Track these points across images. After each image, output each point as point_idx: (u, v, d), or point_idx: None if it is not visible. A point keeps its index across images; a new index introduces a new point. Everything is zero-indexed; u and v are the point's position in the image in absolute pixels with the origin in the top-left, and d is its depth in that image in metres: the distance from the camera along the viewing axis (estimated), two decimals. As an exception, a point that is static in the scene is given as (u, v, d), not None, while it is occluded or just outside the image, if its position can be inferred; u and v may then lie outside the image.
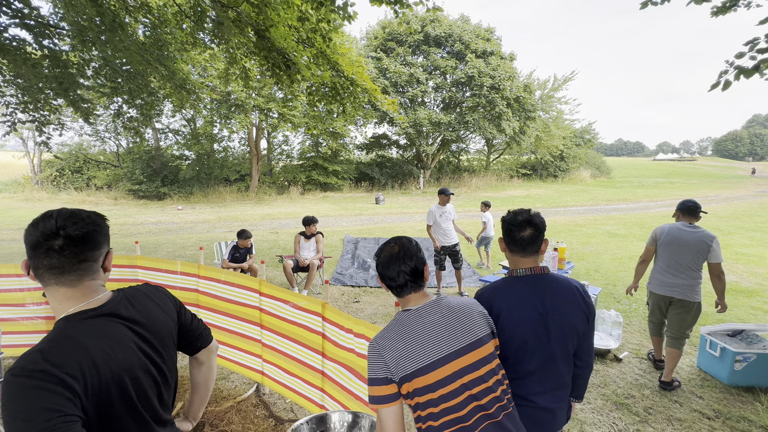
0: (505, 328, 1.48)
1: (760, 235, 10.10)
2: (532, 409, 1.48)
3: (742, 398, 3.16)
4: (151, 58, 6.49)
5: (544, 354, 1.47)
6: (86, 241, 0.99)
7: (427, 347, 1.24)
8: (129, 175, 19.53)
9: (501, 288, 1.54)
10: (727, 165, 55.32)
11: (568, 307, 1.48)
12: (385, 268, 1.34)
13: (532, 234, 1.50)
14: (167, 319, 1.17)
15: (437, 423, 1.22)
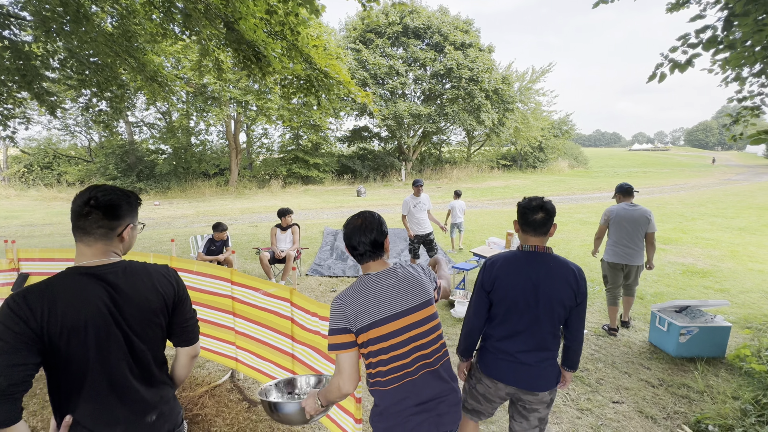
0: (500, 289, 1.77)
1: (720, 221, 10.68)
2: (516, 363, 1.77)
3: (684, 368, 3.45)
4: (119, 50, 6.34)
5: (530, 317, 1.74)
6: (108, 211, 1.19)
7: (382, 304, 1.43)
8: (102, 170, 18.98)
9: (506, 257, 1.83)
10: (697, 154, 57.52)
11: (558, 282, 1.73)
12: (348, 238, 1.52)
13: (543, 217, 1.76)
14: (155, 299, 1.26)
15: (386, 368, 1.43)
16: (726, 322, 3.64)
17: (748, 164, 42.08)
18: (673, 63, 2.83)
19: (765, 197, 15.79)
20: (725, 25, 2.72)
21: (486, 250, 5.46)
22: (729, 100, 4.35)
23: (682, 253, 7.34)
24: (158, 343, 1.31)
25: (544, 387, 1.78)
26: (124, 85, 7.53)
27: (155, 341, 1.30)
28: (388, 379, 1.44)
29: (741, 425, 2.57)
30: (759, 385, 3.02)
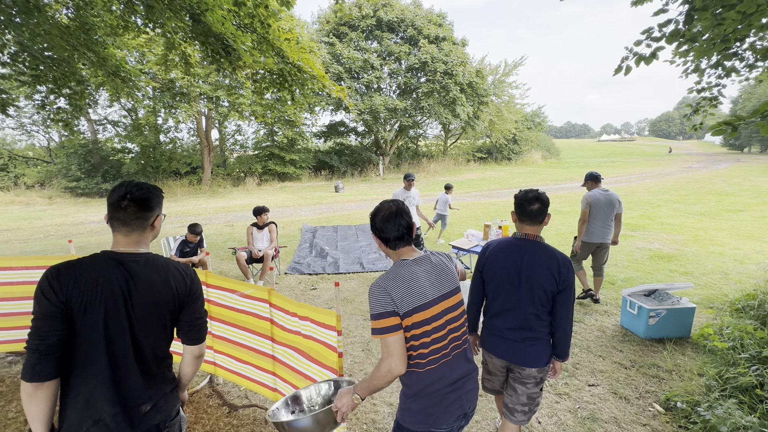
0: (490, 270, 2.00)
1: (683, 207, 11.23)
2: (504, 339, 1.98)
3: (654, 348, 3.61)
4: (77, 43, 5.97)
5: (513, 298, 1.92)
6: (143, 204, 1.35)
7: (425, 289, 1.50)
8: (64, 171, 17.99)
9: (499, 242, 2.04)
10: (661, 144, 60.21)
11: (540, 268, 1.87)
12: (385, 222, 1.55)
13: (539, 207, 1.94)
14: (166, 293, 1.35)
15: (427, 350, 1.50)
16: (690, 303, 3.84)
17: (706, 152, 44.45)
18: (638, 56, 2.92)
19: (722, 183, 16.73)
20: (686, 19, 2.83)
21: (464, 242, 5.53)
22: (689, 91, 4.54)
23: (649, 238, 7.67)
24: (159, 337, 1.37)
25: (530, 364, 1.93)
26: (83, 81, 7.12)
27: (156, 334, 1.36)
28: (428, 360, 1.49)
29: (706, 400, 2.71)
30: (721, 361, 3.21)
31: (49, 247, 8.25)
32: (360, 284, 5.53)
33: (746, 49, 3.63)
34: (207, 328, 1.52)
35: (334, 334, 2.15)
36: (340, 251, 7.21)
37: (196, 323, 1.46)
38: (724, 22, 2.48)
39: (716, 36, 2.65)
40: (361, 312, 4.57)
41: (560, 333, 1.92)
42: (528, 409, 2.01)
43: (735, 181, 17.32)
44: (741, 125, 2.44)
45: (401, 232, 1.54)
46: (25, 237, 9.49)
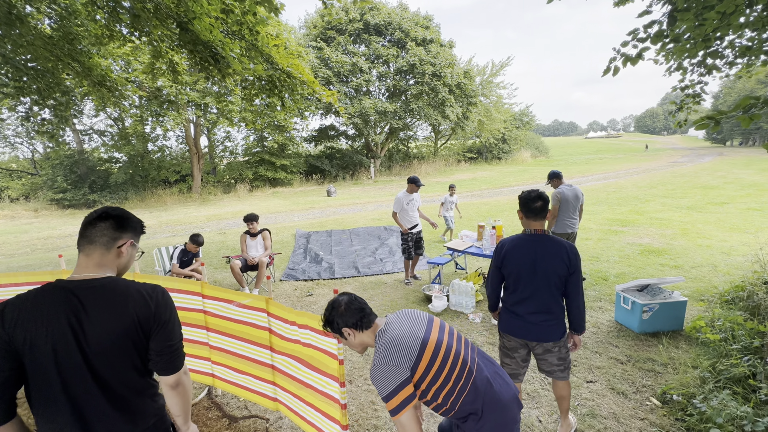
0: (509, 265, 2.27)
1: (671, 201, 11.45)
2: (525, 322, 2.27)
3: (649, 343, 3.67)
4: (61, 54, 5.89)
5: (532, 286, 2.21)
6: (117, 221, 1.30)
7: (413, 333, 1.61)
8: (49, 183, 17.65)
9: (513, 240, 2.30)
10: (646, 140, 61.31)
11: (552, 258, 2.17)
12: (344, 316, 1.68)
13: (542, 204, 2.22)
14: (125, 321, 1.23)
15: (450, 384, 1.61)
16: (682, 296, 3.91)
17: (691, 147, 45.39)
18: (625, 57, 2.99)
19: (707, 177, 17.09)
20: (670, 19, 2.90)
21: (459, 243, 5.56)
22: (673, 89, 4.64)
23: (639, 234, 7.80)
24: (126, 369, 1.26)
25: (548, 339, 2.26)
26: (68, 92, 7.02)
27: (122, 366, 1.24)
28: (458, 391, 1.58)
29: (701, 392, 2.76)
30: (714, 353, 3.27)
31: (37, 261, 8.08)
32: (356, 289, 5.52)
33: (726, 47, 3.72)
34: (182, 355, 1.37)
35: (333, 341, 2.14)
36: (334, 256, 7.19)
37: (166, 351, 1.31)
38: (705, 22, 2.55)
39: (698, 35, 2.72)
40: (359, 317, 4.56)
41: (575, 310, 2.24)
42: (564, 366, 2.34)
43: (719, 174, 17.71)
44: (723, 119, 2.51)
45: (360, 313, 1.66)
46: (11, 252, 9.28)
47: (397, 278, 5.94)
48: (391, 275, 6.10)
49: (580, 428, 2.62)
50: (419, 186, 5.30)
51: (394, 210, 5.37)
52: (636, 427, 2.61)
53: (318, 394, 2.33)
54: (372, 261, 6.82)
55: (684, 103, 4.58)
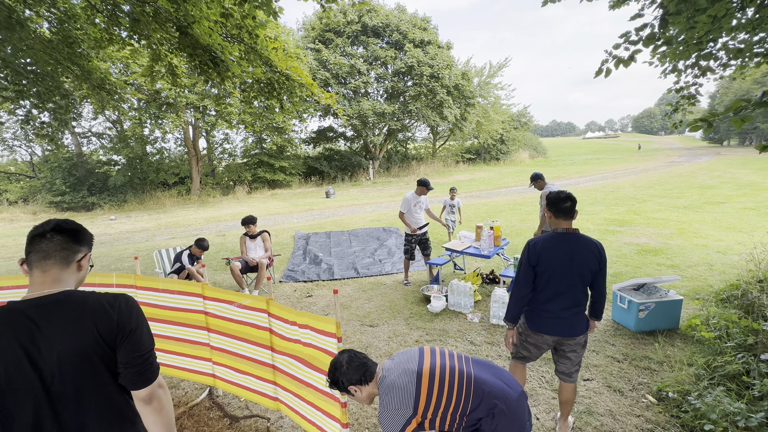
0: (545, 262, 2.30)
1: (667, 201, 11.51)
2: (557, 319, 2.34)
3: (645, 341, 3.71)
4: (60, 57, 5.92)
5: (567, 281, 2.29)
6: (72, 234, 1.23)
7: (409, 368, 1.73)
8: (48, 186, 17.65)
9: (545, 239, 2.36)
10: (643, 140, 61.54)
11: (586, 253, 2.29)
12: (348, 373, 1.75)
13: (571, 205, 2.33)
14: (85, 336, 1.13)
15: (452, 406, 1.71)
16: (678, 295, 3.95)
17: (688, 147, 45.59)
18: (617, 59, 3.04)
19: (704, 177, 17.18)
20: (661, 23, 2.95)
21: (457, 244, 5.59)
22: (668, 91, 4.70)
23: (636, 233, 7.85)
24: (96, 389, 1.16)
25: (579, 333, 2.37)
26: (68, 95, 7.05)
27: (91, 386, 1.15)
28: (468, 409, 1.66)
29: (696, 389, 2.81)
30: (709, 350, 3.31)
31: (36, 264, 8.08)
32: (355, 290, 5.55)
33: (719, 49, 3.78)
34: (154, 366, 1.24)
35: (334, 341, 2.17)
36: (334, 257, 7.22)
37: (134, 363, 1.19)
38: (696, 25, 2.60)
39: (690, 38, 2.77)
40: (358, 317, 4.59)
41: (601, 299, 2.43)
42: (578, 368, 2.48)
43: (716, 174, 17.81)
44: (715, 121, 2.56)
45: (363, 368, 1.74)
46: (10, 255, 9.28)
47: (396, 279, 5.97)
48: (390, 276, 6.14)
49: (578, 425, 2.66)
50: (429, 189, 5.30)
51: (401, 210, 5.37)
52: (632, 423, 2.65)
53: (319, 393, 2.36)
54: (371, 262, 6.86)
55: (679, 104, 4.64)
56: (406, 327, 4.25)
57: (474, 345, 3.80)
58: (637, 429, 2.60)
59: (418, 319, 4.43)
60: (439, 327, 4.20)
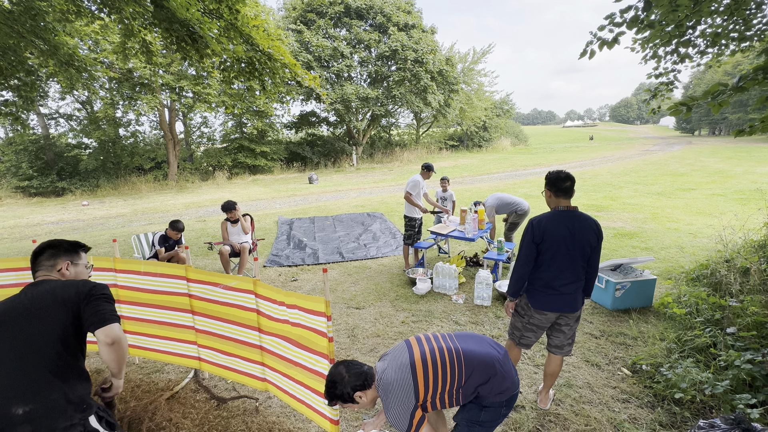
0: (549, 240, 2.38)
1: (642, 187, 11.91)
2: (560, 295, 2.42)
3: (620, 318, 3.88)
4: (23, 30, 5.54)
5: (570, 257, 2.38)
6: (50, 251, 1.78)
7: (404, 356, 1.82)
8: (13, 169, 16.73)
9: (548, 217, 2.42)
10: (620, 129, 63.15)
11: (586, 231, 2.37)
12: (349, 383, 1.76)
13: (570, 184, 2.40)
14: (58, 308, 1.55)
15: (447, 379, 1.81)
16: (652, 275, 4.13)
17: (662, 136, 47.04)
18: (601, 41, 3.08)
19: (676, 165, 17.82)
20: (645, 5, 2.99)
21: (442, 227, 5.64)
22: (648, 76, 4.80)
23: (612, 218, 8.12)
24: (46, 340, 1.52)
25: (578, 308, 2.49)
26: (33, 71, 6.63)
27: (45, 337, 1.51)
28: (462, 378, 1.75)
29: (667, 361, 2.96)
30: (680, 326, 3.49)
31: (5, 251, 7.72)
32: (341, 274, 5.55)
33: (698, 36, 3.87)
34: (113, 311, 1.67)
35: (323, 319, 2.18)
36: (318, 242, 7.18)
37: (93, 309, 1.62)
38: (679, 8, 2.65)
39: (671, 20, 2.83)
40: (344, 300, 4.61)
41: (594, 276, 2.51)
42: (572, 341, 2.59)
43: (687, 162, 18.50)
44: (695, 105, 2.63)
45: (363, 374, 1.77)
46: (-25, 241, 8.81)
47: (381, 263, 6.00)
48: (375, 260, 6.16)
49: (558, 397, 2.77)
50: (430, 171, 5.33)
51: (408, 191, 5.23)
52: (608, 395, 2.78)
53: (307, 371, 2.37)
54: (356, 246, 6.86)
55: (658, 90, 4.75)
56: (392, 309, 4.30)
57: (458, 325, 3.89)
58: (613, 399, 2.73)
59: (403, 301, 4.48)
60: (424, 308, 4.26)
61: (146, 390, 3.00)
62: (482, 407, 1.78)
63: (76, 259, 1.78)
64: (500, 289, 4.41)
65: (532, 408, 2.68)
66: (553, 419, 2.56)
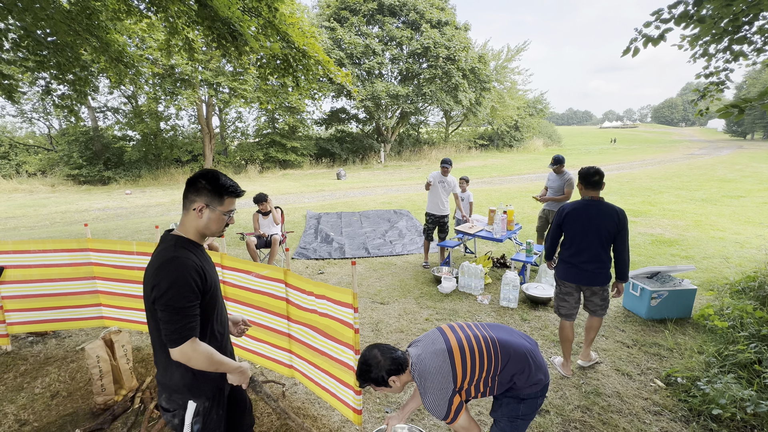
0: (569, 223, 2.89)
1: (685, 193, 11.27)
2: (580, 270, 2.89)
3: (655, 329, 3.71)
4: (79, 28, 5.93)
5: (588, 240, 2.82)
6: (188, 185, 1.47)
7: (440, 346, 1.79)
8: (66, 159, 17.95)
9: (573, 205, 2.91)
10: (663, 131, 59.76)
11: (605, 217, 2.77)
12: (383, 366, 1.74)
13: (599, 178, 2.83)
14: (145, 285, 1.40)
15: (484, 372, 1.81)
16: (692, 285, 3.92)
17: (709, 139, 44.18)
18: (647, 38, 2.93)
19: (724, 170, 16.71)
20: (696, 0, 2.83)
21: (469, 227, 5.59)
22: (696, 76, 4.54)
23: (650, 224, 7.74)
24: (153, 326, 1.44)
25: (598, 283, 2.90)
26: (87, 67, 7.08)
27: (152, 323, 1.43)
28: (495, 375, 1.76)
29: (706, 375, 2.82)
30: (721, 339, 3.31)
31: (56, 234, 8.33)
32: (366, 269, 5.62)
33: (755, 32, 3.62)
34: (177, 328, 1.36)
35: (350, 311, 2.23)
36: (345, 237, 7.29)
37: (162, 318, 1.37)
38: (734, 2, 2.48)
39: (725, 15, 2.66)
40: (369, 295, 4.67)
41: (621, 261, 2.83)
42: (605, 305, 2.98)
43: (737, 168, 17.30)
44: (747, 107, 2.48)
45: (397, 358, 1.73)
46: (32, 224, 9.57)
47: (406, 260, 6.02)
48: (400, 257, 6.19)
49: (585, 404, 2.70)
50: (445, 166, 5.22)
51: (428, 181, 5.34)
52: (639, 406, 2.68)
53: (333, 361, 2.44)
54: (382, 243, 6.91)
55: (707, 90, 4.49)
56: (417, 306, 4.32)
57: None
58: (644, 411, 2.63)
59: (428, 299, 4.49)
60: (449, 307, 4.25)
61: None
62: (520, 400, 1.77)
63: (215, 204, 1.52)
64: (527, 291, 4.32)
65: (557, 413, 2.63)
66: (578, 426, 2.51)
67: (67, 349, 3.54)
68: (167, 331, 1.33)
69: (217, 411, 1.56)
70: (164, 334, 1.35)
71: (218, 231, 1.52)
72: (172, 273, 1.33)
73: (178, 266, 1.34)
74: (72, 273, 3.41)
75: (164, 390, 1.50)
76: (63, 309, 3.47)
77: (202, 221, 1.45)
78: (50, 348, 3.57)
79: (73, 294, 3.45)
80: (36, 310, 3.44)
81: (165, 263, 1.35)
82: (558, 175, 5.34)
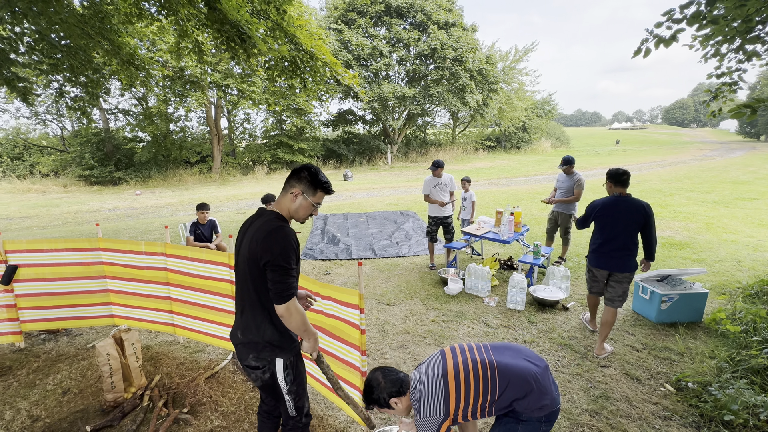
0: (599, 216, 3.29)
1: (696, 195, 11.09)
2: (609, 257, 3.27)
3: (666, 332, 3.66)
4: (92, 32, 6.04)
5: (617, 230, 3.20)
6: (292, 174, 1.74)
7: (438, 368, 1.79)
8: (78, 160, 18.26)
9: (604, 200, 3.30)
10: (674, 132, 58.91)
11: (631, 211, 3.16)
12: (384, 388, 1.79)
13: (626, 177, 3.27)
14: (254, 250, 1.62)
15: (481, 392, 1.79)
16: (703, 288, 3.86)
17: (721, 140, 43.44)
18: (658, 38, 2.90)
19: (737, 172, 16.41)
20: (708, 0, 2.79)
21: (476, 228, 5.57)
22: (708, 76, 4.47)
23: (661, 226, 7.63)
24: (255, 282, 1.68)
25: (625, 269, 3.24)
26: (99, 70, 7.21)
27: (254, 284, 1.69)
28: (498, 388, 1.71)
29: (717, 381, 2.77)
30: (733, 344, 3.25)
31: (68, 233, 8.48)
32: (372, 270, 5.62)
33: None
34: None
35: (356, 312, 2.23)
36: (351, 238, 7.31)
37: (271, 279, 1.63)
38: (748, 2, 2.44)
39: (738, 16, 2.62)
40: (375, 296, 4.67)
41: (649, 244, 3.21)
42: (623, 299, 3.29)
43: (750, 170, 16.99)
44: (761, 107, 2.44)
45: (399, 381, 1.78)
46: (44, 224, 9.75)
47: (413, 261, 6.01)
48: (406, 258, 6.18)
49: (593, 408, 2.67)
50: (435, 168, 5.16)
51: (424, 193, 5.36)
52: (648, 410, 2.64)
53: (338, 361, 2.44)
54: (388, 244, 6.91)
55: (719, 91, 4.42)
56: (423, 307, 4.31)
57: (490, 327, 3.83)
58: (654, 416, 2.60)
59: (434, 301, 4.48)
60: (455, 309, 4.23)
61: (189, 368, 3.20)
62: (519, 421, 1.73)
63: (309, 193, 1.78)
64: (535, 293, 4.29)
65: (565, 417, 2.60)
66: (586, 430, 2.48)
67: (78, 347, 3.60)
68: (277, 289, 1.57)
69: (302, 365, 1.85)
70: (274, 292, 1.58)
71: (303, 217, 1.75)
72: (282, 239, 1.58)
73: (286, 235, 1.59)
74: (83, 272, 3.47)
75: (252, 349, 1.71)
76: (74, 307, 3.53)
77: (294, 205, 1.71)
78: (62, 345, 3.63)
79: (85, 293, 3.51)
80: (48, 308, 3.50)
81: (274, 230, 1.60)
82: (568, 176, 5.31)
